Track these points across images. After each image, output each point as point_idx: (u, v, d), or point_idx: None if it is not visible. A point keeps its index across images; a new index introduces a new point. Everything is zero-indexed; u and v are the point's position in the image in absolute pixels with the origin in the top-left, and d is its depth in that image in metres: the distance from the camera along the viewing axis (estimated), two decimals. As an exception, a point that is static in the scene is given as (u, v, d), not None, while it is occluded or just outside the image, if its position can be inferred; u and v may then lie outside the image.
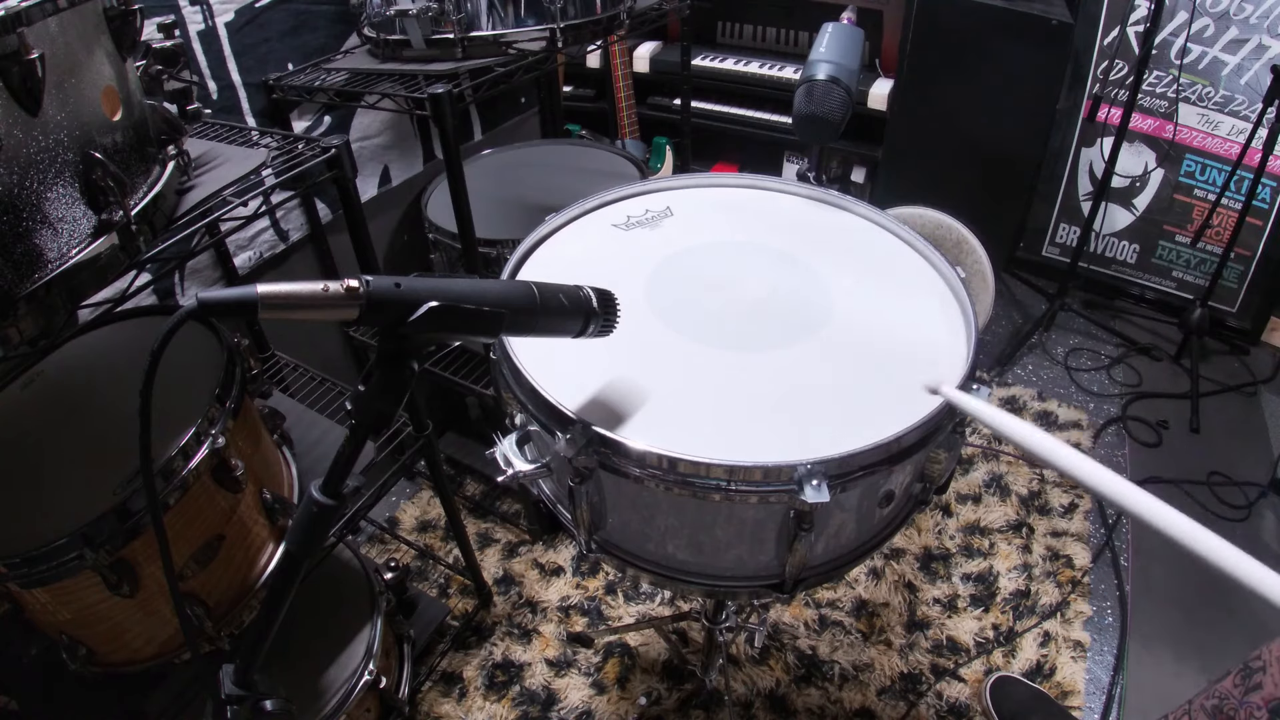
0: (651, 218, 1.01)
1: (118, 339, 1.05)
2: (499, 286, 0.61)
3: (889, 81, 2.46)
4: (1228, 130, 2.21)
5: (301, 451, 1.16)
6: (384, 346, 0.56)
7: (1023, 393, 2.24)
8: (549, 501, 0.83)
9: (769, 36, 2.76)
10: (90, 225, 0.64)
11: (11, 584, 0.80)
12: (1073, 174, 2.54)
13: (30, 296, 0.60)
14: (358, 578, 1.33)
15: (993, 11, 2.17)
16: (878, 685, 1.52)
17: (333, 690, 1.16)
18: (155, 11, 1.18)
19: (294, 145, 1.00)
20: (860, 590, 1.70)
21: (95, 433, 0.92)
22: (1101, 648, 1.58)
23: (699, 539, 0.72)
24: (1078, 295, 2.60)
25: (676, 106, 2.47)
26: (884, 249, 0.96)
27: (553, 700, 1.51)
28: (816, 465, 0.63)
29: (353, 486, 0.61)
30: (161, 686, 1.00)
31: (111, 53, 0.68)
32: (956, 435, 0.73)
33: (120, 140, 0.68)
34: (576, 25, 1.28)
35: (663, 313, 0.84)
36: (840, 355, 0.79)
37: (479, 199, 1.34)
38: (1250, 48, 2.09)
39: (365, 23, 1.34)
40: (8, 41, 0.53)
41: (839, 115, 1.07)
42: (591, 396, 0.73)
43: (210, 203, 0.82)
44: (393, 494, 1.97)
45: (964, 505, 1.90)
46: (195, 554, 0.89)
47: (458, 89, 1.17)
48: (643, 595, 1.71)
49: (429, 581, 1.76)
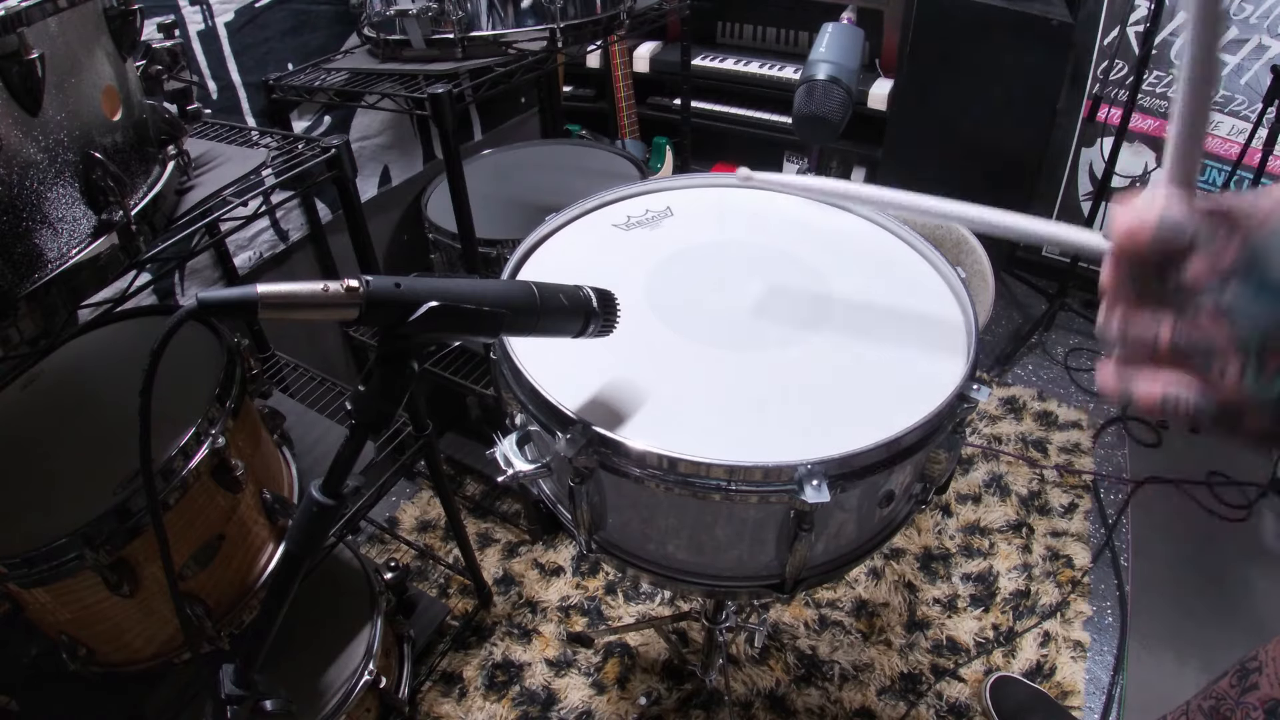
0: (651, 218, 1.01)
1: (118, 339, 1.05)
2: (499, 286, 0.61)
3: (889, 81, 2.46)
4: (1228, 130, 2.21)
5: (301, 451, 1.16)
6: (384, 346, 0.56)
7: (1023, 393, 2.24)
8: (549, 501, 0.83)
9: (769, 36, 2.76)
10: (90, 225, 0.64)
11: (11, 584, 0.80)
12: (1073, 174, 2.54)
13: (30, 296, 0.60)
14: (358, 578, 1.33)
15: (993, 11, 2.17)
16: (878, 685, 1.52)
17: (333, 690, 1.16)
18: (155, 11, 1.18)
19: (294, 145, 1.00)
20: (860, 590, 1.70)
21: (95, 433, 0.91)
22: (1101, 648, 1.59)
23: (699, 539, 0.72)
24: (1078, 295, 2.60)
25: (676, 106, 2.47)
26: (884, 249, 0.96)
27: (553, 700, 1.51)
28: (817, 465, 0.63)
29: (353, 486, 0.61)
30: (161, 686, 1.00)
31: (111, 53, 0.68)
32: (956, 435, 0.73)
33: (120, 140, 0.68)
34: (576, 25, 1.27)
35: (663, 313, 0.84)
36: (840, 355, 0.79)
37: (479, 199, 1.34)
38: (1250, 48, 2.09)
39: (365, 23, 1.34)
40: (8, 41, 0.53)
41: (839, 115, 1.07)
42: (591, 396, 0.73)
43: (210, 203, 0.82)
44: (393, 494, 1.97)
45: (964, 505, 1.90)
46: (195, 554, 0.89)
47: (458, 89, 1.17)
48: (643, 595, 1.71)
49: (429, 581, 1.76)
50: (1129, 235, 0.34)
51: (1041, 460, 2.02)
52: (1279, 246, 0.31)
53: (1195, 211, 0.33)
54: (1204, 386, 0.34)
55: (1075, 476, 1.97)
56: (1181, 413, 0.34)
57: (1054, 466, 2.00)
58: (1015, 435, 2.10)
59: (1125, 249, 0.35)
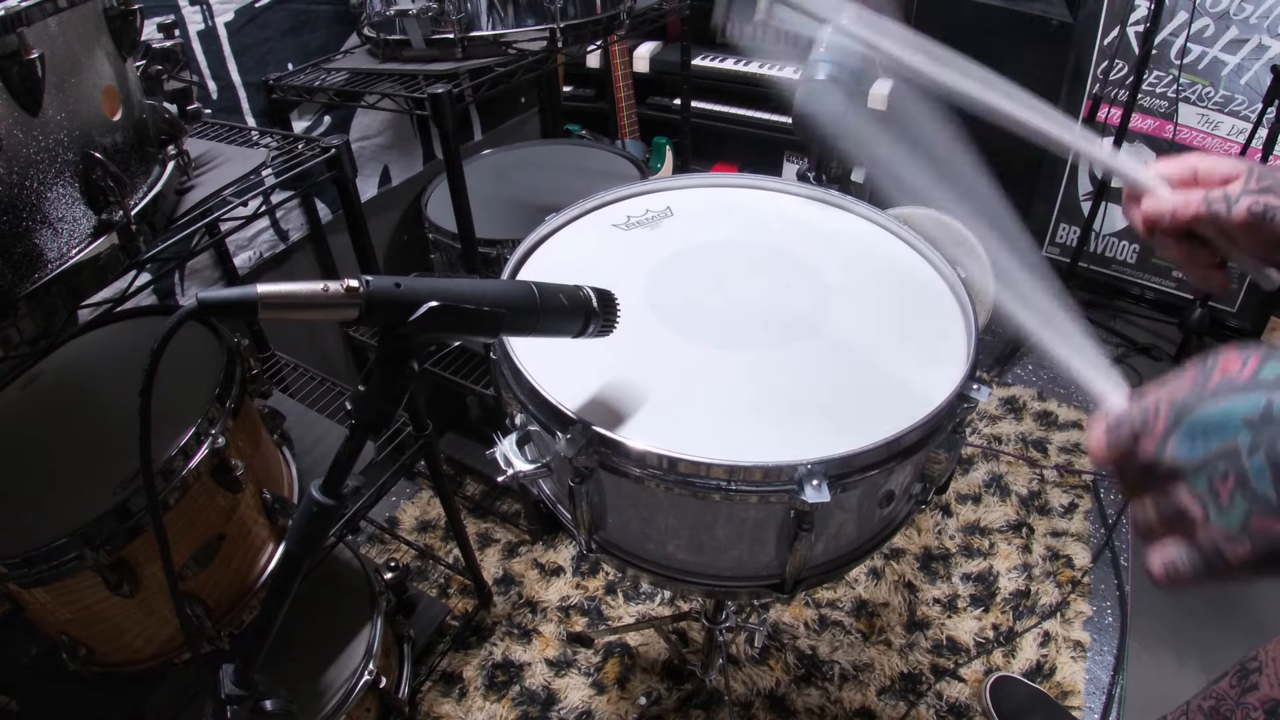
0: (651, 218, 1.01)
1: (118, 339, 1.05)
2: (499, 286, 0.61)
3: (889, 82, 2.46)
4: (1228, 130, 2.21)
5: (301, 451, 1.16)
6: (384, 346, 0.56)
7: (1023, 393, 2.24)
8: (549, 501, 0.83)
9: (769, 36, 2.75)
10: (90, 225, 0.64)
11: (11, 584, 0.80)
12: (1073, 174, 2.53)
13: (30, 296, 0.60)
14: (358, 578, 1.33)
15: (993, 11, 2.17)
16: (878, 685, 1.52)
17: (333, 690, 1.16)
18: (155, 11, 1.18)
19: (294, 145, 1.00)
20: (860, 590, 1.70)
21: (95, 433, 0.92)
22: (1101, 648, 1.59)
23: (699, 539, 0.72)
24: (1078, 295, 2.60)
25: (676, 106, 2.47)
26: (884, 249, 0.96)
27: (553, 700, 1.51)
28: (817, 465, 0.63)
29: (353, 486, 0.61)
30: (161, 686, 1.00)
31: (111, 53, 0.68)
32: (956, 435, 0.73)
33: (120, 140, 0.68)
34: (576, 25, 1.27)
35: (662, 313, 0.84)
36: (840, 355, 0.79)
37: (479, 199, 1.34)
38: (1250, 48, 2.09)
39: (365, 23, 1.34)
40: (8, 41, 0.53)
41: (839, 115, 1.07)
42: (591, 396, 0.73)
43: (210, 203, 0.82)
44: (393, 494, 1.97)
45: (964, 505, 1.90)
46: (195, 554, 0.89)
47: (458, 89, 1.17)
48: (643, 595, 1.71)
49: (429, 581, 1.76)
50: (1097, 454, 0.42)
51: (1041, 460, 2.02)
52: (1192, 402, 0.38)
53: (1128, 410, 0.41)
54: (1190, 543, 0.38)
55: (1075, 476, 1.97)
56: (1186, 570, 0.39)
57: (1054, 466, 2.00)
58: (1015, 435, 2.10)
59: (1102, 463, 0.42)
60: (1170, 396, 0.39)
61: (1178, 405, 0.39)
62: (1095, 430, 0.42)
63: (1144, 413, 0.40)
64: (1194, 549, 0.38)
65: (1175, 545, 0.39)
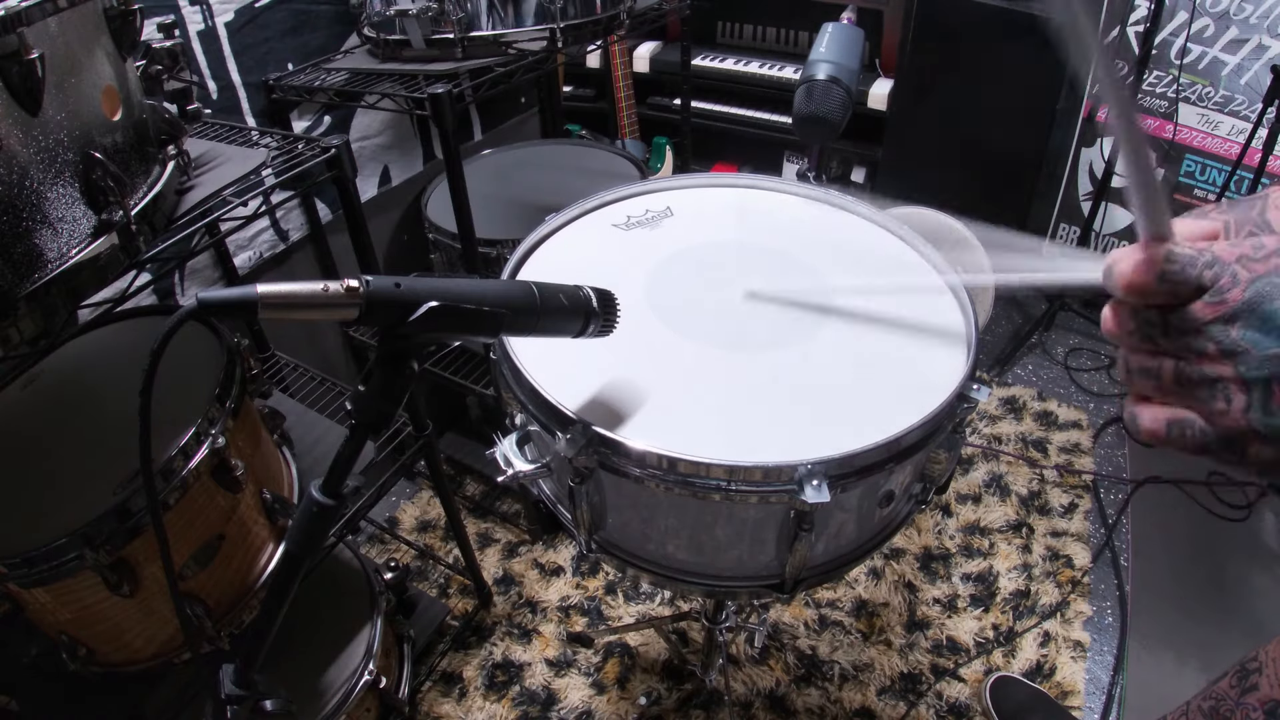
0: (651, 218, 1.01)
1: (118, 339, 1.05)
2: (499, 286, 0.61)
3: (889, 81, 2.46)
4: (1228, 130, 2.21)
5: (301, 451, 1.16)
6: (384, 346, 0.56)
7: (1023, 393, 2.24)
8: (549, 501, 0.83)
9: (769, 36, 2.76)
10: (90, 225, 0.64)
11: (11, 584, 0.80)
12: (1073, 174, 2.53)
13: (30, 296, 0.60)
14: (358, 578, 1.33)
15: (993, 11, 2.17)
16: (878, 685, 1.52)
17: (333, 690, 1.16)
18: (155, 11, 1.18)
19: (294, 145, 1.00)
20: (860, 590, 1.70)
21: (95, 433, 0.91)
22: (1101, 648, 1.59)
23: (699, 539, 0.72)
24: (1078, 295, 2.60)
25: (676, 106, 2.47)
26: (884, 249, 0.96)
27: (553, 700, 1.51)
28: (817, 465, 0.63)
29: (353, 486, 0.61)
30: (161, 686, 1.00)
31: (111, 53, 0.68)
32: (956, 435, 0.73)
33: (120, 140, 0.68)
34: (576, 25, 1.27)
35: (663, 313, 0.84)
36: (840, 355, 0.79)
37: (479, 199, 1.34)
38: (1250, 48, 2.09)
39: (365, 23, 1.34)
40: (8, 41, 0.53)
41: (839, 115, 1.07)
42: (591, 396, 0.73)
43: (210, 203, 0.82)
44: (393, 494, 1.97)
45: (964, 505, 1.90)
46: (195, 554, 0.89)
47: (458, 89, 1.16)
48: (643, 595, 1.71)
49: (429, 581, 1.76)
50: (1131, 285, 0.36)
51: (1041, 460, 2.02)
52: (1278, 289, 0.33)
53: (1197, 257, 0.34)
54: (1208, 418, 0.35)
55: (1075, 476, 1.97)
56: (1188, 442, 0.36)
57: (1054, 466, 2.00)
58: (1015, 435, 2.10)
59: (1129, 297, 0.36)
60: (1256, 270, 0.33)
61: (1263, 284, 0.33)
62: (1135, 255, 0.35)
63: (1221, 271, 0.34)
64: (1212, 428, 0.35)
65: (1187, 413, 0.36)
